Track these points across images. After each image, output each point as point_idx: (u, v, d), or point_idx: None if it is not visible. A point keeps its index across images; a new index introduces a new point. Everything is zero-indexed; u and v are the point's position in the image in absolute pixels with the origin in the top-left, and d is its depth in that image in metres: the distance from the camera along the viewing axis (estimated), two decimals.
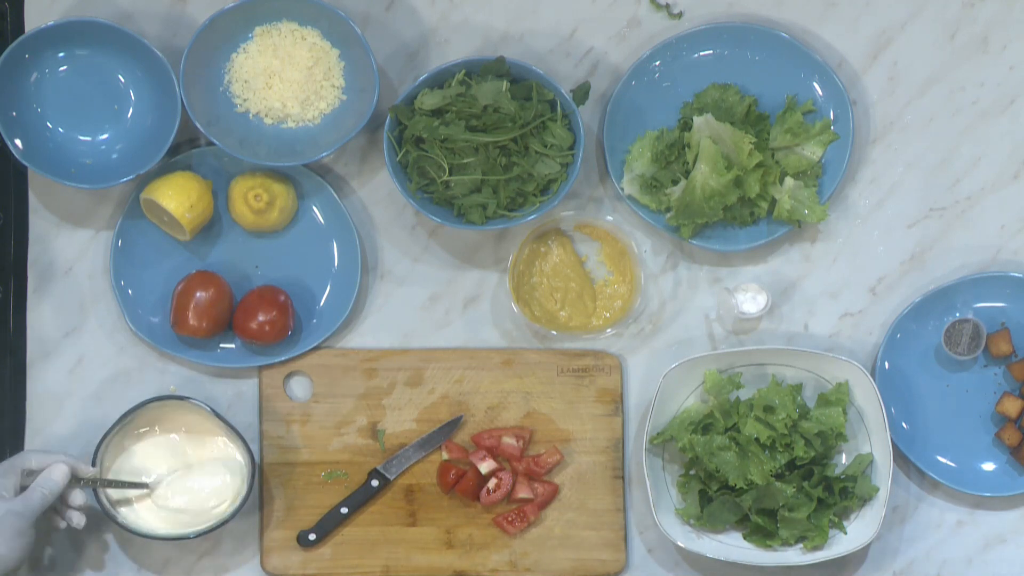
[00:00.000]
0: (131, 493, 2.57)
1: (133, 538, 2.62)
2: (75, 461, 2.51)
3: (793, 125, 2.63)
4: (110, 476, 2.57)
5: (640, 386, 2.68)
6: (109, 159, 2.62)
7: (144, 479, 2.58)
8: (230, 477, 2.59)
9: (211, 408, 2.56)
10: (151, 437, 2.59)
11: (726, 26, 2.66)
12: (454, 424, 2.66)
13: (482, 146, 2.56)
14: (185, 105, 2.56)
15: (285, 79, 2.61)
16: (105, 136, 2.63)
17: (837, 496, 2.61)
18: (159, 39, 2.65)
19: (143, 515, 2.58)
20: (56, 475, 2.48)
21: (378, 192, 2.69)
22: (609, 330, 2.66)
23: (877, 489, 2.59)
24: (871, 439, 2.61)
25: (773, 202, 2.64)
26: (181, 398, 2.57)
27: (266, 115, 2.63)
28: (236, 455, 2.59)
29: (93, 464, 2.55)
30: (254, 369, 2.66)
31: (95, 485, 2.54)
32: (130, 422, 2.57)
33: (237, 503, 2.57)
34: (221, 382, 2.67)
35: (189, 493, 2.58)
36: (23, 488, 2.48)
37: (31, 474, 2.49)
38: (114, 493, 2.57)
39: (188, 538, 2.56)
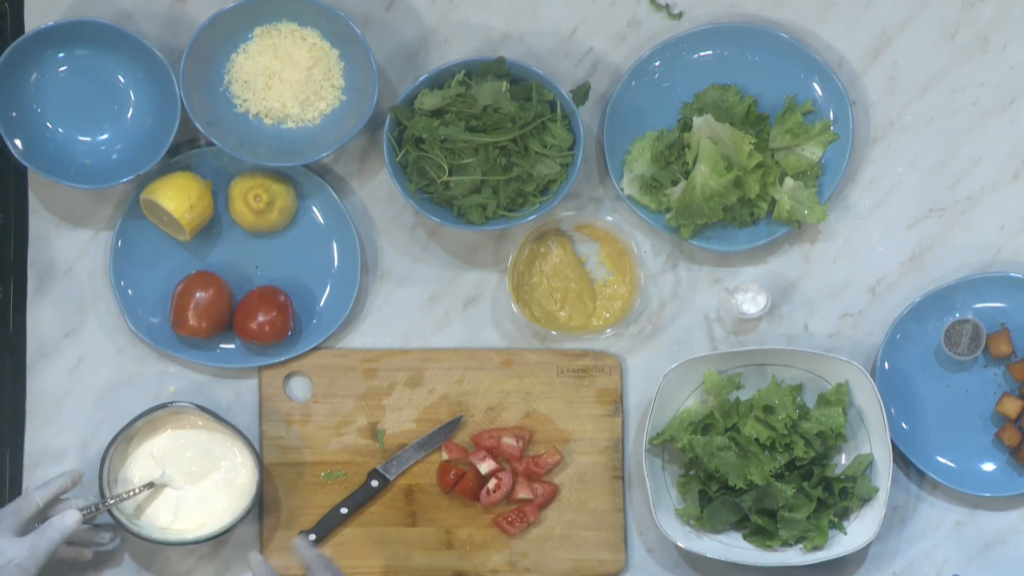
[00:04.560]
0: (142, 495, 2.58)
1: (133, 539, 2.62)
2: (78, 501, 2.48)
3: (793, 125, 2.63)
4: (117, 486, 2.56)
5: (640, 386, 2.67)
6: (109, 159, 2.62)
7: (150, 480, 2.58)
8: (235, 481, 2.59)
9: (215, 413, 2.55)
10: (155, 444, 2.58)
11: (726, 26, 2.65)
12: (454, 424, 2.65)
13: (482, 146, 2.56)
14: (185, 105, 2.56)
15: (285, 79, 2.61)
16: (105, 136, 2.63)
17: (837, 496, 2.61)
18: (159, 39, 2.65)
19: (153, 513, 2.58)
20: (68, 521, 2.43)
21: (378, 192, 2.68)
22: (609, 330, 2.65)
23: (877, 489, 2.59)
24: (871, 439, 2.61)
25: (773, 202, 2.64)
26: (183, 404, 2.56)
27: (266, 115, 2.62)
28: (239, 459, 2.59)
29: (100, 476, 2.53)
30: (254, 369, 2.66)
31: (106, 509, 2.52)
32: (132, 430, 2.56)
33: (244, 506, 2.56)
34: (221, 382, 2.66)
35: (200, 491, 2.59)
36: (26, 534, 2.43)
37: (38, 513, 2.45)
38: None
39: (189, 543, 2.56)
